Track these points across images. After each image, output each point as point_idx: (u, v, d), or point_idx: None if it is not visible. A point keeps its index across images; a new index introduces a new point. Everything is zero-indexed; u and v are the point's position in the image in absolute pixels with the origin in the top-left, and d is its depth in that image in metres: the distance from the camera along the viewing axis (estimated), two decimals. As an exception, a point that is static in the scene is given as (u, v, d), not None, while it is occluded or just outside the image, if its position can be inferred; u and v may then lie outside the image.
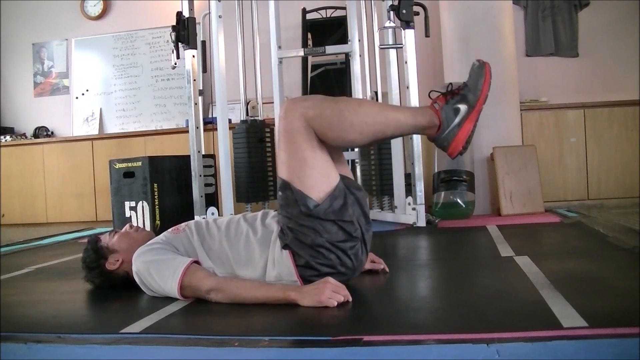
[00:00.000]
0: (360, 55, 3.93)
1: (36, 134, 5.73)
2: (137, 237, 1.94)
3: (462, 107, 1.69)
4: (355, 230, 1.70)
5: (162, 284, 1.71)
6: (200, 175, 3.48)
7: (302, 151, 1.63)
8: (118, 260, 1.88)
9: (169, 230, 1.90)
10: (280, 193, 1.69)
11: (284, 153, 1.66)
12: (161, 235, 1.87)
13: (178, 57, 3.46)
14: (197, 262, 1.74)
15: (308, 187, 1.64)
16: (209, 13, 3.51)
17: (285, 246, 1.69)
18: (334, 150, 1.72)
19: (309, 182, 1.64)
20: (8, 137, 5.61)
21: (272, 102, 3.96)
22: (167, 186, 3.82)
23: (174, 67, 3.52)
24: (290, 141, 1.64)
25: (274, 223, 1.77)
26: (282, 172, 1.68)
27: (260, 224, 1.80)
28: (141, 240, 1.88)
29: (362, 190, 1.77)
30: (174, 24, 3.44)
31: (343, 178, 1.71)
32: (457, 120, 1.68)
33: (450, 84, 1.80)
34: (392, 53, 3.50)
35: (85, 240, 2.32)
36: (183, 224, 1.90)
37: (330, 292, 1.54)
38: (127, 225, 2.02)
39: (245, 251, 1.76)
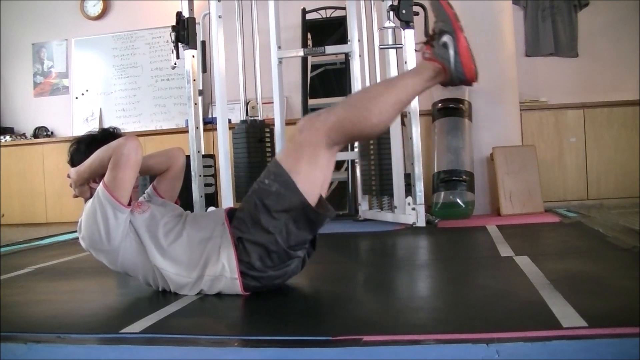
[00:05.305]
0: (360, 56, 3.92)
1: (36, 134, 5.72)
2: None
3: (447, 38, 1.76)
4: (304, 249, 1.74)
5: None
6: (200, 175, 3.48)
7: (314, 164, 1.64)
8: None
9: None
10: (267, 181, 1.66)
11: (293, 160, 1.65)
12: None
13: (178, 57, 3.46)
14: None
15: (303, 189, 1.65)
16: (209, 13, 3.51)
17: (238, 239, 1.68)
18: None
19: (303, 187, 1.64)
20: (8, 137, 5.61)
21: (272, 102, 3.96)
22: (167, 186, 3.81)
23: (173, 67, 3.52)
24: (299, 151, 1.64)
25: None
26: (286, 163, 1.66)
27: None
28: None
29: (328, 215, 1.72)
30: (174, 24, 3.44)
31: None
32: (451, 51, 1.74)
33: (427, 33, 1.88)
34: (392, 53, 3.50)
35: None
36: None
37: None
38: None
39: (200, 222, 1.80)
